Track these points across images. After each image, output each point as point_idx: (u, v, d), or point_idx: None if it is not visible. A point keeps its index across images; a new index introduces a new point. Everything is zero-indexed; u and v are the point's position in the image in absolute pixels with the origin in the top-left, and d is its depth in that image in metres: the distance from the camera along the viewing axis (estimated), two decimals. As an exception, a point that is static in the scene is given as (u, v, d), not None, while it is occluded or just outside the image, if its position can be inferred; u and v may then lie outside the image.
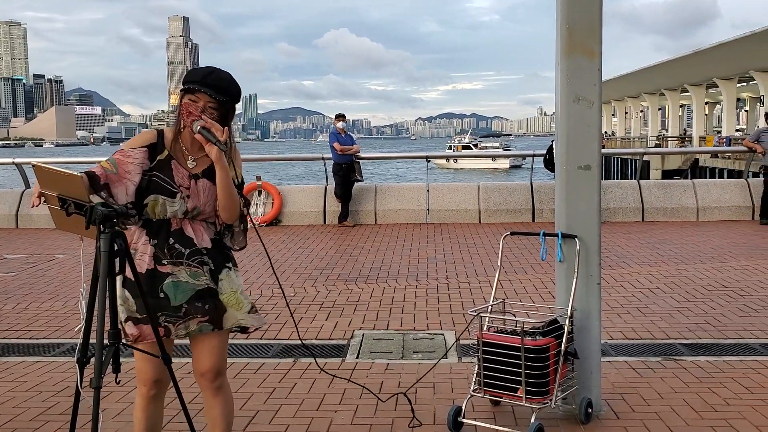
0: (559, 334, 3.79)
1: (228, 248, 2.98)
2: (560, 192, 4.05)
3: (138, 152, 2.79)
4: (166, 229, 2.82)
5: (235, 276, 2.95)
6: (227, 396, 3.03)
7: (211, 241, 2.89)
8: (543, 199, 12.32)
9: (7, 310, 6.71)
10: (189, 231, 2.84)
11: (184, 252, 2.82)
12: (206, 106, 2.77)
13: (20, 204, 13.00)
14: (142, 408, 2.95)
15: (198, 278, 2.82)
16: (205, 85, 2.76)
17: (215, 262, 2.88)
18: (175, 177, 2.80)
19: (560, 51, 3.93)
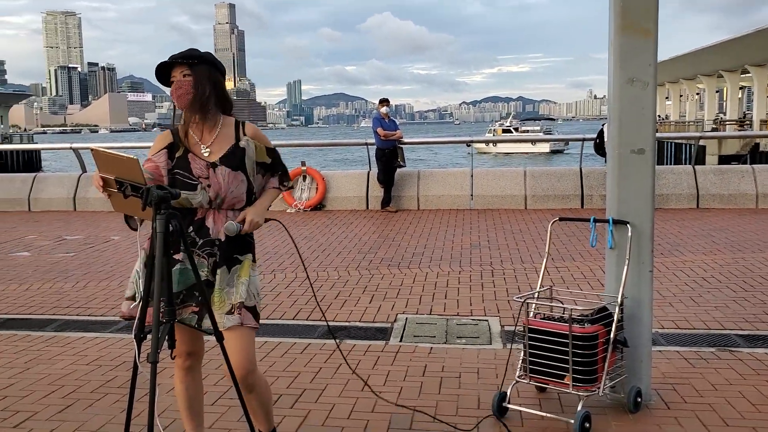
0: (609, 322, 3.75)
1: (248, 240, 2.98)
2: (612, 177, 3.99)
3: (159, 156, 2.90)
4: (190, 218, 2.89)
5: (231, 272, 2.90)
6: (261, 390, 3.04)
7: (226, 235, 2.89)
8: (593, 185, 12.14)
9: (67, 288, 6.93)
10: (209, 222, 2.89)
11: (198, 242, 2.88)
12: (181, 77, 2.84)
13: (77, 187, 13.35)
14: (179, 379, 3.06)
15: (201, 269, 2.86)
16: (171, 58, 2.87)
17: (222, 255, 2.89)
18: (193, 169, 2.86)
19: (613, 30, 3.85)
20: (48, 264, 8.12)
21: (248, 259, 2.96)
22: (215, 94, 2.91)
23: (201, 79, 2.86)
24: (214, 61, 2.96)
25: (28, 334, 5.44)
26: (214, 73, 2.92)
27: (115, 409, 3.97)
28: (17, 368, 4.68)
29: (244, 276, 2.92)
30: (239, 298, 2.89)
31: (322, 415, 3.86)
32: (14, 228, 11.11)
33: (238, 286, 2.90)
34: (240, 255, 2.94)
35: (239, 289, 2.90)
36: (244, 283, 2.91)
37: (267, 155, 3.00)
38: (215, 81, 2.92)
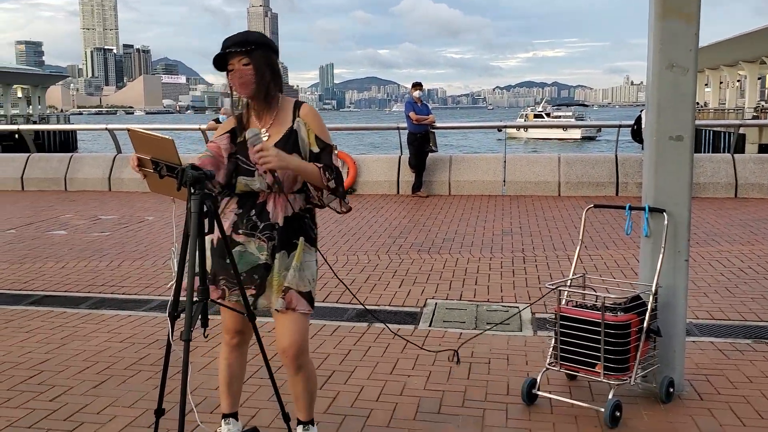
0: (642, 311, 3.71)
1: (307, 225, 2.97)
2: (649, 164, 3.92)
3: (222, 139, 2.92)
4: (252, 201, 2.91)
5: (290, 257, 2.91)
6: (308, 374, 3.06)
7: (285, 219, 2.90)
8: (628, 172, 11.97)
9: (102, 267, 7.05)
10: (270, 206, 2.89)
11: (259, 225, 2.89)
12: (240, 66, 2.81)
13: (113, 168, 13.54)
14: (224, 355, 3.09)
15: (261, 252, 2.89)
16: (225, 48, 2.83)
17: (280, 239, 2.90)
18: (250, 155, 2.86)
19: (654, 14, 3.78)
20: (83, 243, 8.26)
21: (301, 242, 2.94)
22: (276, 79, 2.90)
23: (260, 66, 2.84)
24: (269, 42, 2.92)
25: (64, 311, 5.54)
26: (270, 56, 2.89)
27: (148, 386, 4.03)
28: (53, 344, 4.77)
29: (296, 260, 2.93)
30: (287, 282, 2.90)
31: (351, 396, 3.88)
32: (51, 207, 11.31)
33: (290, 269, 2.91)
34: (296, 239, 2.93)
35: (289, 273, 2.91)
36: (296, 268, 2.92)
37: (316, 143, 2.91)
38: (272, 64, 2.89)
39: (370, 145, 55.40)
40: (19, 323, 5.23)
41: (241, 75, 2.82)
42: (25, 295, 6.03)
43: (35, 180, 13.74)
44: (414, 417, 3.63)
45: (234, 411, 3.15)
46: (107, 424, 3.55)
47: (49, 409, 3.72)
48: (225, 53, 2.82)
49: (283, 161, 2.74)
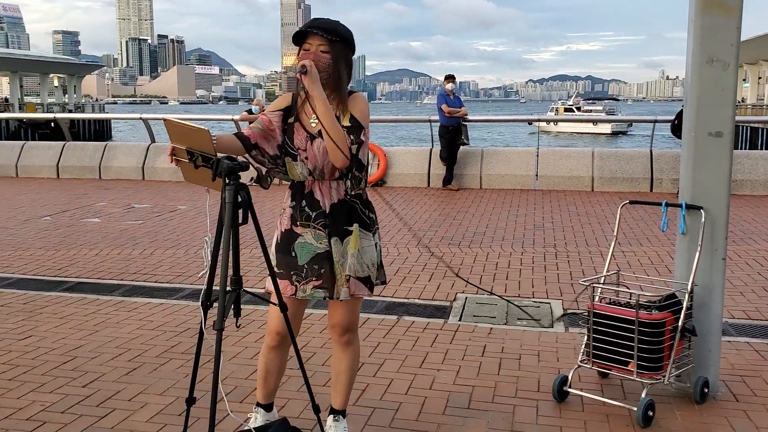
0: (677, 309, 3.64)
1: (358, 210, 2.96)
2: (687, 160, 3.85)
3: (275, 115, 2.91)
4: (301, 191, 2.93)
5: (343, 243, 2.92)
6: (355, 353, 3.12)
7: (331, 206, 2.90)
8: (663, 168, 11.77)
9: (135, 255, 7.13)
10: (317, 194, 2.90)
11: (312, 215, 2.90)
12: (318, 51, 2.79)
13: (146, 157, 13.68)
14: (264, 353, 3.11)
15: (320, 241, 2.90)
16: (312, 27, 2.80)
17: (333, 225, 2.90)
18: (295, 140, 2.87)
19: (694, 7, 3.70)
20: (117, 231, 8.36)
21: (356, 229, 2.94)
22: (347, 75, 2.88)
23: (338, 59, 2.82)
24: (351, 39, 2.89)
25: (97, 298, 5.62)
26: (349, 53, 2.88)
27: (179, 374, 4.07)
28: (86, 330, 4.84)
29: (353, 247, 2.93)
30: (348, 271, 2.93)
31: (380, 389, 3.87)
32: (86, 195, 11.47)
33: (348, 257, 2.93)
34: (349, 225, 2.93)
35: (348, 261, 2.93)
36: (354, 255, 2.93)
37: (348, 120, 2.87)
38: (348, 61, 2.88)
39: (398, 138, 55.36)
40: (54, 309, 5.32)
41: (315, 58, 2.79)
42: (60, 281, 6.12)
43: (70, 168, 13.95)
44: (443, 411, 3.61)
45: (267, 402, 3.18)
46: (138, 411, 3.59)
47: (82, 395, 3.77)
48: (308, 31, 2.79)
49: (313, 78, 2.68)
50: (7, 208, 9.98)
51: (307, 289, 2.92)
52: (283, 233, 2.96)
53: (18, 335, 4.73)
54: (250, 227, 2.69)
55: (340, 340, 3.06)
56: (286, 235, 2.95)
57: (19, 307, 5.37)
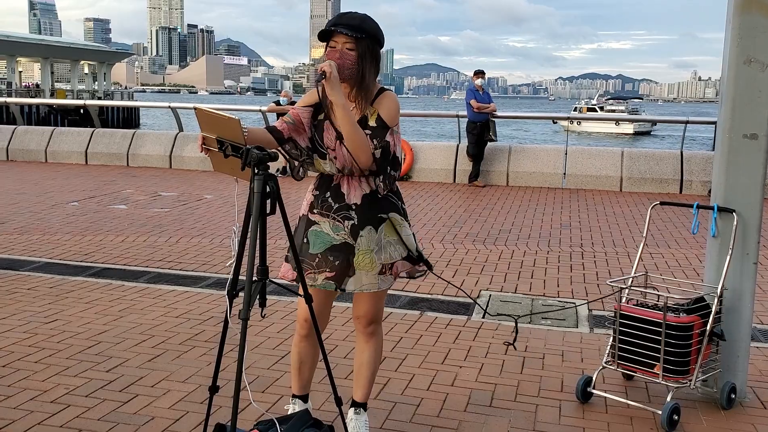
0: (706, 313, 3.59)
1: (390, 198, 2.96)
2: (720, 162, 3.78)
3: (305, 111, 2.92)
4: (328, 183, 2.93)
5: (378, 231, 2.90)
6: (378, 344, 3.13)
7: (362, 196, 2.89)
8: (693, 169, 11.60)
9: (161, 242, 7.18)
10: (344, 188, 2.90)
11: (333, 206, 2.90)
12: (344, 48, 2.77)
13: (174, 146, 13.78)
14: (295, 342, 3.13)
15: (337, 232, 2.89)
16: (337, 25, 2.78)
17: (360, 218, 2.89)
18: (324, 138, 2.86)
19: (733, 7, 3.63)
20: (143, 218, 8.43)
21: (393, 218, 2.94)
22: (374, 71, 2.86)
23: (364, 56, 2.80)
24: (379, 35, 2.86)
25: (122, 284, 5.67)
26: (376, 48, 2.85)
27: (202, 362, 4.09)
28: (111, 316, 4.88)
29: (390, 235, 2.93)
30: (390, 258, 2.93)
31: (402, 384, 3.86)
32: (113, 181, 11.59)
33: (386, 246, 2.92)
34: (383, 213, 2.93)
35: (388, 249, 2.93)
36: (392, 243, 2.93)
37: (375, 120, 2.86)
38: (376, 57, 2.86)
39: (427, 133, 55.19)
40: (80, 294, 5.37)
41: (341, 56, 2.77)
42: (86, 266, 6.19)
43: (99, 154, 14.09)
44: (465, 408, 3.59)
45: (303, 393, 3.19)
46: (161, 397, 3.61)
47: (106, 380, 3.80)
48: (333, 30, 2.78)
49: (332, 85, 2.67)
50: (35, 193, 10.11)
51: (318, 279, 2.91)
52: (300, 218, 2.99)
53: (44, 319, 4.79)
54: (275, 217, 2.68)
55: (365, 330, 3.07)
56: (302, 221, 2.99)
57: (46, 291, 5.44)
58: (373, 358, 3.12)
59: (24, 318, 4.78)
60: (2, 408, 3.44)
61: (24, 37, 74.44)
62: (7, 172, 12.57)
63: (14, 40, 64.84)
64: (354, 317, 3.09)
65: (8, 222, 7.99)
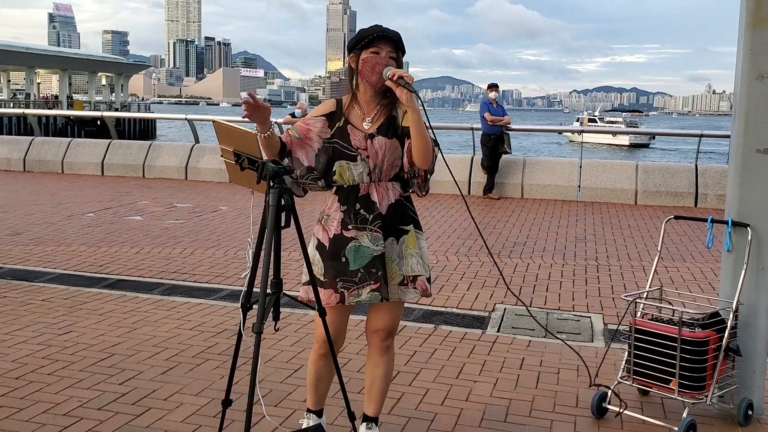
0: (721, 328, 3.55)
1: (409, 210, 2.99)
2: (734, 176, 3.76)
3: (317, 120, 2.94)
4: (354, 194, 2.93)
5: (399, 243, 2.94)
6: (392, 358, 3.14)
7: (388, 206, 2.92)
8: (708, 183, 11.53)
9: (175, 254, 7.21)
10: (374, 196, 2.92)
11: (368, 217, 2.91)
12: (387, 57, 2.84)
13: (190, 157, 13.86)
14: (312, 360, 3.12)
15: (377, 243, 2.90)
16: (383, 38, 2.84)
17: (387, 228, 2.92)
18: (352, 141, 2.89)
19: (744, 23, 3.63)
20: (158, 229, 8.47)
21: (413, 229, 2.98)
22: None
23: (400, 66, 2.88)
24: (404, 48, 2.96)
25: (136, 296, 5.69)
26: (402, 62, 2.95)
27: (215, 375, 4.09)
28: (125, 328, 4.90)
29: (412, 247, 2.97)
30: (412, 271, 2.95)
31: (416, 399, 3.84)
32: (129, 193, 11.66)
33: (407, 257, 2.95)
34: (405, 225, 2.96)
35: (410, 261, 2.95)
36: (414, 255, 2.96)
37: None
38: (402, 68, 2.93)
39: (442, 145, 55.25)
40: (94, 306, 5.40)
41: (383, 62, 2.83)
42: (101, 278, 6.22)
43: (115, 166, 14.20)
44: (479, 424, 3.57)
45: (318, 408, 3.19)
46: (173, 411, 3.61)
47: (119, 393, 3.81)
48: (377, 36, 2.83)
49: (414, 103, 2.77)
50: (51, 204, 10.20)
51: (362, 293, 2.91)
52: (332, 239, 2.93)
53: (58, 330, 4.81)
54: (289, 230, 2.69)
55: (382, 344, 3.06)
56: (335, 241, 2.93)
57: (60, 302, 5.47)
58: (388, 372, 3.12)
59: (38, 329, 4.81)
60: (15, 421, 3.46)
61: (43, 48, 75.33)
62: (24, 182, 12.69)
63: (33, 52, 65.66)
64: (371, 331, 3.07)
65: (24, 233, 8.06)
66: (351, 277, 2.90)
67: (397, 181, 2.97)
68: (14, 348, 4.45)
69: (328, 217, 2.97)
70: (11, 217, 9.07)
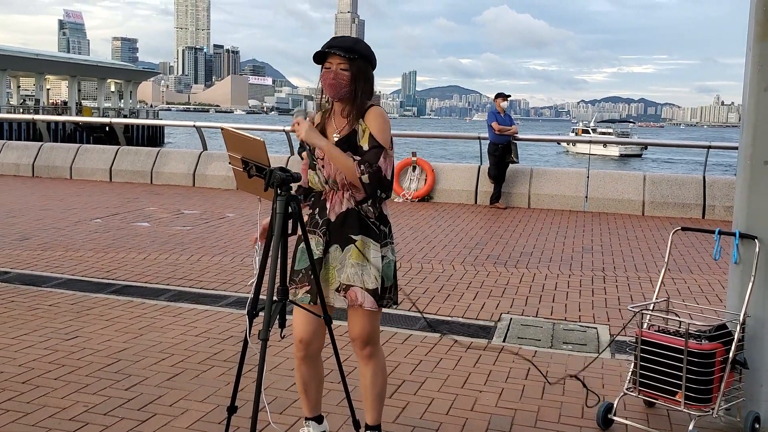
0: (728, 340, 3.54)
1: (366, 220, 2.96)
2: (741, 188, 3.75)
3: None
4: (318, 199, 3.01)
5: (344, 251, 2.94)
6: (377, 366, 3.10)
7: (338, 215, 2.94)
8: (716, 194, 11.49)
9: (182, 260, 7.23)
10: (329, 203, 2.96)
11: (319, 221, 2.97)
12: (338, 69, 2.87)
13: (198, 164, 13.90)
14: (296, 367, 3.13)
15: (318, 247, 2.95)
16: (331, 47, 2.89)
17: (333, 234, 2.94)
18: (316, 151, 2.94)
19: (753, 36, 3.63)
20: (165, 235, 8.50)
21: (361, 240, 2.93)
22: (366, 90, 2.94)
23: (358, 76, 2.90)
24: (371, 56, 2.97)
25: (143, 302, 5.70)
26: (368, 69, 2.95)
27: (220, 381, 4.09)
28: (131, 333, 4.91)
29: (355, 258, 2.92)
30: (347, 280, 2.94)
31: (420, 408, 3.84)
32: (137, 199, 11.70)
33: (347, 267, 2.94)
34: (353, 235, 2.94)
35: (348, 271, 2.94)
36: (355, 266, 2.93)
37: (367, 141, 2.91)
38: (368, 76, 2.95)
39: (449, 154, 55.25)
40: (101, 311, 5.41)
41: (335, 76, 2.88)
42: (108, 283, 6.24)
43: (123, 172, 14.26)
44: (483, 433, 3.56)
45: (314, 415, 3.19)
46: (179, 417, 3.62)
47: (124, 398, 3.82)
48: (327, 51, 2.89)
49: (309, 136, 2.85)
50: (60, 209, 10.24)
51: (298, 293, 2.96)
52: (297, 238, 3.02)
53: (65, 335, 4.83)
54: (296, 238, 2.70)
55: (362, 353, 3.06)
56: (297, 240, 3.02)
57: (67, 307, 5.49)
58: (374, 380, 3.09)
59: (45, 334, 4.83)
60: (21, 425, 3.47)
61: (53, 55, 75.81)
62: (33, 188, 12.75)
63: (43, 58, 66.02)
64: (351, 340, 3.07)
65: (32, 238, 8.09)
66: (294, 276, 2.98)
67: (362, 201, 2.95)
68: (21, 352, 4.46)
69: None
70: (20, 222, 9.11)
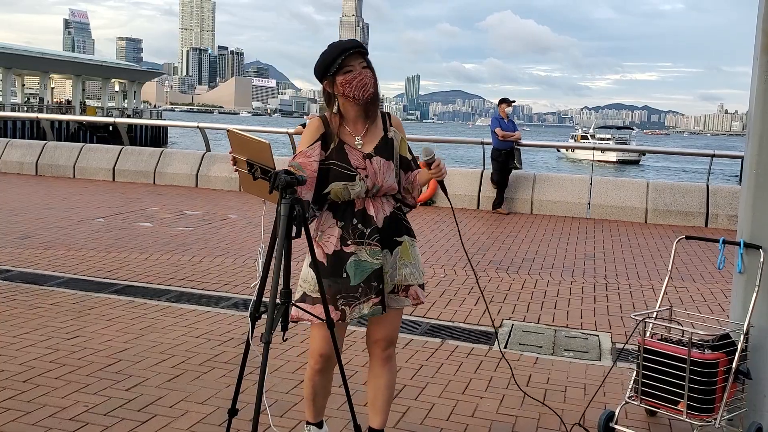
0: (731, 350, 3.52)
1: (403, 221, 3.03)
2: (747, 197, 3.74)
3: (314, 148, 2.89)
4: (351, 210, 2.92)
5: (393, 254, 2.96)
6: (395, 368, 3.13)
7: (384, 219, 2.93)
8: (719, 203, 11.48)
9: (184, 261, 7.22)
10: (371, 210, 2.92)
11: (365, 231, 2.90)
12: (361, 70, 2.84)
13: (201, 165, 13.91)
14: (309, 376, 3.09)
15: (375, 257, 2.90)
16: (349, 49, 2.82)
17: (382, 239, 2.92)
18: (351, 161, 2.88)
19: (760, 46, 3.62)
20: (168, 236, 8.49)
21: (407, 239, 3.01)
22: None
23: (375, 75, 2.89)
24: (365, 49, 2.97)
25: (144, 302, 5.69)
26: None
27: (221, 383, 4.08)
28: (132, 334, 4.90)
29: (406, 258, 2.99)
30: (405, 280, 2.98)
31: (421, 413, 3.82)
32: (139, 199, 11.71)
33: (400, 268, 2.97)
34: (398, 237, 2.98)
35: (403, 271, 2.97)
36: (408, 265, 2.99)
37: (408, 151, 3.03)
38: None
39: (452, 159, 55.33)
40: (102, 311, 5.40)
41: (362, 77, 2.83)
42: (109, 283, 6.23)
43: (126, 172, 14.27)
44: (484, 440, 3.54)
45: (317, 420, 3.18)
46: (179, 418, 3.61)
47: (125, 399, 3.81)
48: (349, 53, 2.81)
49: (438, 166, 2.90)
50: (63, 208, 10.25)
51: (365, 308, 2.90)
52: (331, 256, 2.91)
53: (66, 335, 4.82)
54: (299, 240, 2.69)
55: (383, 354, 3.06)
56: (334, 257, 2.90)
57: (69, 306, 5.48)
58: (390, 382, 3.11)
59: (46, 333, 4.82)
60: (20, 424, 3.46)
61: (57, 54, 75.88)
62: (36, 186, 12.76)
63: (48, 57, 66.12)
64: (371, 341, 3.07)
65: (35, 236, 8.09)
66: (352, 292, 2.88)
67: (391, 195, 3.01)
68: (22, 351, 4.46)
69: (323, 234, 2.94)
70: (22, 220, 9.12)
